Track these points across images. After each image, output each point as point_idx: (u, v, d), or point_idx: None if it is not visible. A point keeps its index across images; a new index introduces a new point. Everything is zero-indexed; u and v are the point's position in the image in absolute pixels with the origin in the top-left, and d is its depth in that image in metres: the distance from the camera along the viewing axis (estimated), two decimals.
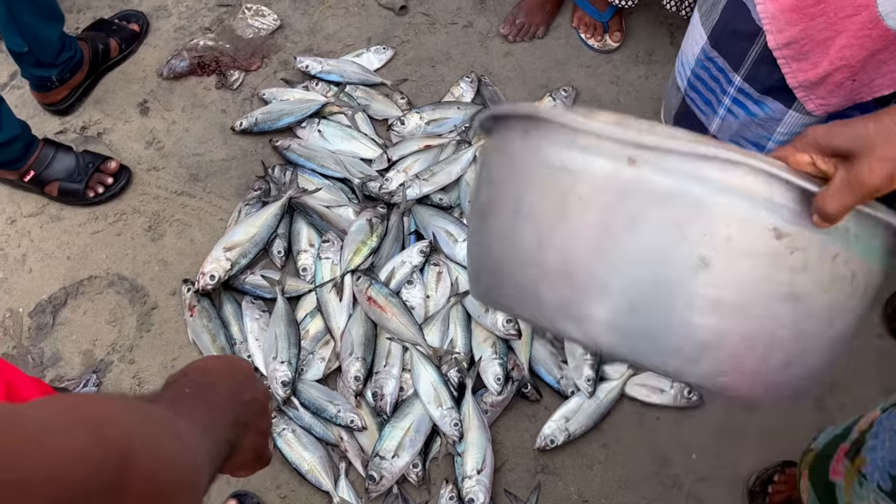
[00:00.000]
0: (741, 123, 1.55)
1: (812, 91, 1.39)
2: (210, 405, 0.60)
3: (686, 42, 1.63)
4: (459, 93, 1.92)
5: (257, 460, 0.69)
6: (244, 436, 0.64)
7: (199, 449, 0.53)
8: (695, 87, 1.62)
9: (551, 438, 1.53)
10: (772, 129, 1.52)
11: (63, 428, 0.40)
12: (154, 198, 1.84)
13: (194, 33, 2.06)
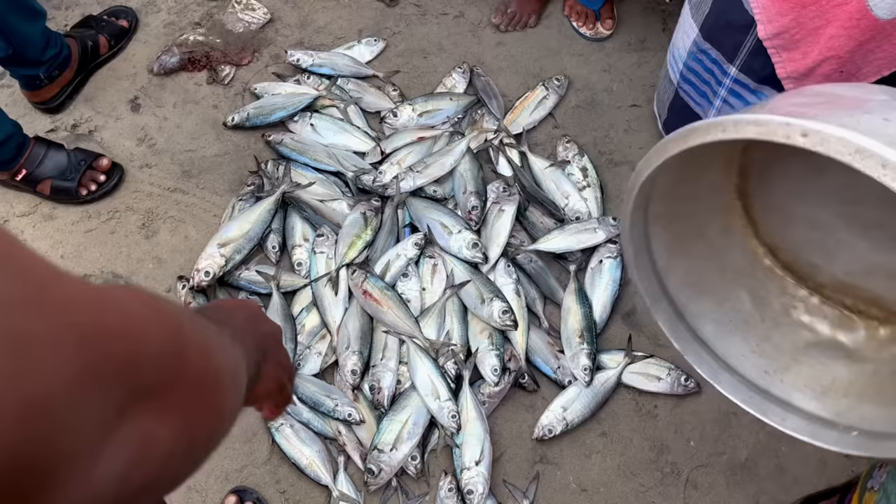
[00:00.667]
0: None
1: (800, 83, 1.39)
2: (233, 327, 0.58)
3: (676, 35, 1.62)
4: (452, 84, 1.92)
5: (280, 392, 0.68)
6: (265, 362, 0.64)
7: (236, 351, 0.51)
8: (688, 80, 1.62)
9: (549, 428, 1.53)
10: None
11: (120, 297, 0.37)
12: (147, 195, 1.83)
13: (184, 28, 2.04)
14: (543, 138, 1.88)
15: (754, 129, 0.73)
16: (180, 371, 0.38)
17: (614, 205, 1.79)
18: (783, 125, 0.71)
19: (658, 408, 1.58)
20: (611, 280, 1.67)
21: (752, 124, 0.73)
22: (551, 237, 1.68)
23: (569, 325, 1.61)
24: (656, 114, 1.82)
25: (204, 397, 0.41)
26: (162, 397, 0.36)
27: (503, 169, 1.80)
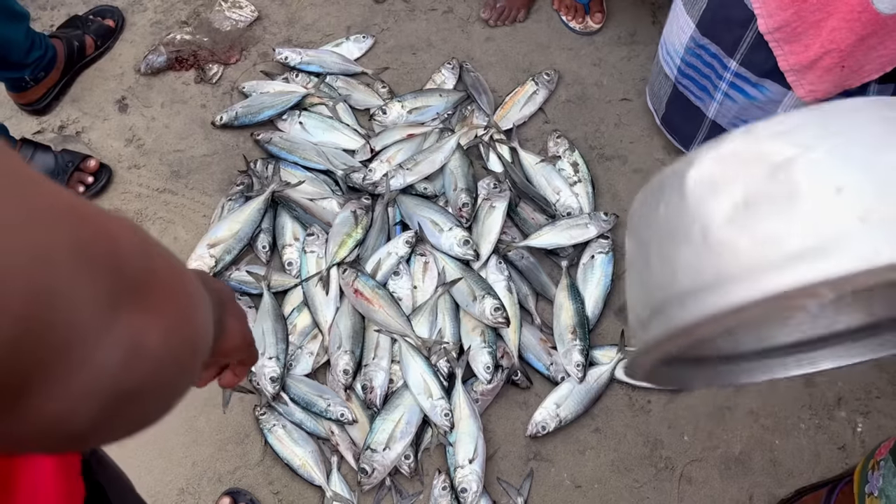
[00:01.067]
0: (740, 107, 1.54)
1: (802, 76, 1.38)
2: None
3: (669, 30, 1.62)
4: (441, 80, 1.90)
5: (247, 348, 0.68)
6: (225, 313, 0.63)
7: (199, 284, 0.49)
8: (687, 75, 1.61)
9: (543, 425, 1.53)
10: (772, 111, 1.51)
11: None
12: (136, 196, 1.82)
13: (171, 27, 2.03)
14: (534, 134, 1.87)
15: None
16: (154, 277, 0.39)
17: (605, 200, 1.79)
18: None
19: (651, 403, 1.58)
20: (603, 275, 1.66)
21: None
22: (543, 233, 1.67)
23: (561, 322, 1.60)
24: (651, 109, 1.81)
25: (180, 307, 0.41)
26: (145, 298, 0.37)
27: (494, 165, 1.79)
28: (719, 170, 0.76)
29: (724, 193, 0.72)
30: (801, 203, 0.66)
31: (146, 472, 1.54)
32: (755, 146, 0.73)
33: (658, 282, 0.75)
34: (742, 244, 0.69)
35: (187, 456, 1.55)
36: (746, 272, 0.68)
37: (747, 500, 1.49)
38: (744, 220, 0.72)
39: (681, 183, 0.77)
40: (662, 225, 0.77)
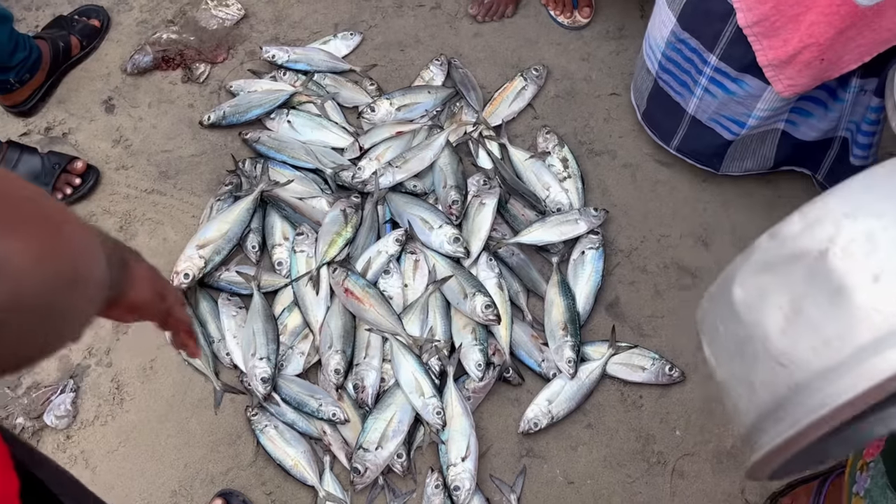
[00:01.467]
0: (720, 102, 1.54)
1: (781, 71, 1.38)
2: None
3: (652, 25, 1.61)
4: (430, 76, 1.90)
5: (161, 299, 0.75)
6: (129, 269, 0.69)
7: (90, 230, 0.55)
8: (667, 70, 1.61)
9: (535, 422, 1.53)
10: (752, 106, 1.51)
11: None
12: (124, 197, 1.81)
13: (157, 27, 2.01)
14: (523, 129, 1.86)
15: None
16: (32, 213, 0.44)
17: (595, 195, 1.78)
18: None
19: (643, 398, 1.58)
20: (593, 271, 1.66)
21: None
22: (533, 229, 1.67)
23: (552, 318, 1.60)
24: (634, 105, 1.81)
25: (55, 241, 0.45)
26: (15, 228, 0.42)
27: (483, 162, 1.78)
28: (761, 282, 0.76)
29: (773, 306, 0.72)
30: (845, 300, 0.66)
31: (138, 474, 1.53)
32: (785, 249, 0.73)
33: (743, 402, 0.76)
34: (802, 352, 0.69)
35: (179, 458, 1.55)
36: (817, 379, 0.68)
37: (739, 493, 1.50)
38: (796, 327, 0.72)
39: (729, 303, 0.77)
40: (726, 345, 0.77)
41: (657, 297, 1.68)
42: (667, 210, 1.76)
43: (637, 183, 1.79)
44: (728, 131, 1.59)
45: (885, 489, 1.06)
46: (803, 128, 1.58)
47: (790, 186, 1.77)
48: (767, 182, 1.78)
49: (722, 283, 0.80)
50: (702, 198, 1.77)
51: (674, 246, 1.72)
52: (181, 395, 1.60)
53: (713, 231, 1.74)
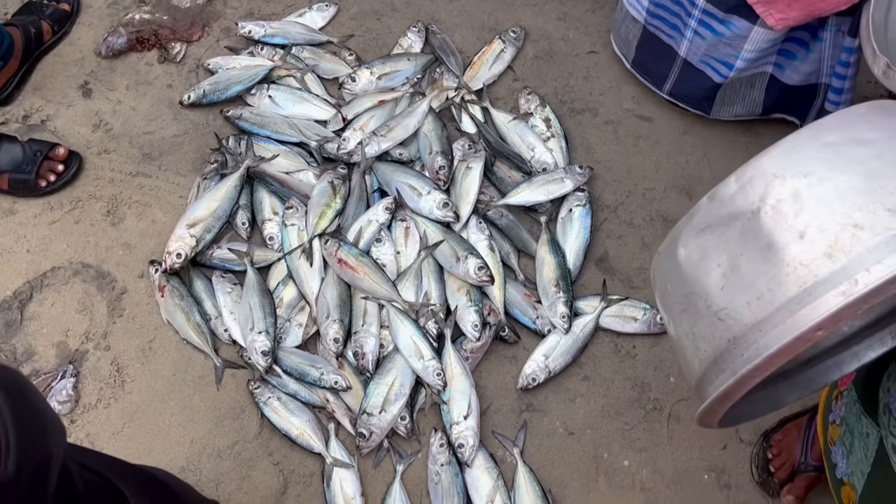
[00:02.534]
0: (709, 44, 1.57)
1: (771, 5, 1.40)
2: None
3: None
4: (408, 44, 1.90)
5: None
6: None
7: None
8: (656, 15, 1.63)
9: (533, 377, 1.56)
10: (739, 47, 1.54)
11: None
12: (109, 181, 1.80)
13: (128, 7, 1.99)
14: (504, 92, 1.87)
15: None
16: None
17: (579, 153, 1.80)
18: None
19: (636, 348, 1.62)
20: (581, 228, 1.69)
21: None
22: (520, 190, 1.69)
23: (544, 276, 1.63)
24: (620, 55, 1.82)
25: None
26: None
27: (467, 126, 1.80)
28: (701, 242, 0.80)
29: (712, 264, 0.76)
30: (775, 256, 0.71)
31: (145, 453, 1.55)
32: (722, 209, 0.77)
33: (690, 355, 0.80)
34: (738, 307, 0.74)
35: (185, 435, 1.57)
36: (751, 332, 0.73)
37: (734, 432, 1.55)
38: (733, 284, 0.76)
39: (675, 262, 0.81)
40: (675, 302, 0.82)
41: (645, 249, 1.71)
42: (650, 164, 1.79)
43: (619, 139, 1.82)
44: (718, 74, 1.62)
45: (859, 415, 1.10)
46: (788, 71, 1.61)
47: (771, 135, 1.80)
48: (747, 129, 1.81)
49: (668, 244, 0.84)
50: (683, 150, 1.80)
51: (658, 199, 1.75)
52: (182, 373, 1.62)
53: (696, 182, 1.77)
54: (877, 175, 0.71)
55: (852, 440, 1.12)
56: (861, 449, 1.10)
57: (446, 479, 1.49)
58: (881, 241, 0.67)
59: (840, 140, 0.75)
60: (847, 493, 1.14)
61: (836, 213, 0.70)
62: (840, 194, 0.71)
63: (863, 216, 0.69)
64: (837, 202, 0.71)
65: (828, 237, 0.69)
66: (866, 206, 0.69)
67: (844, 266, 0.68)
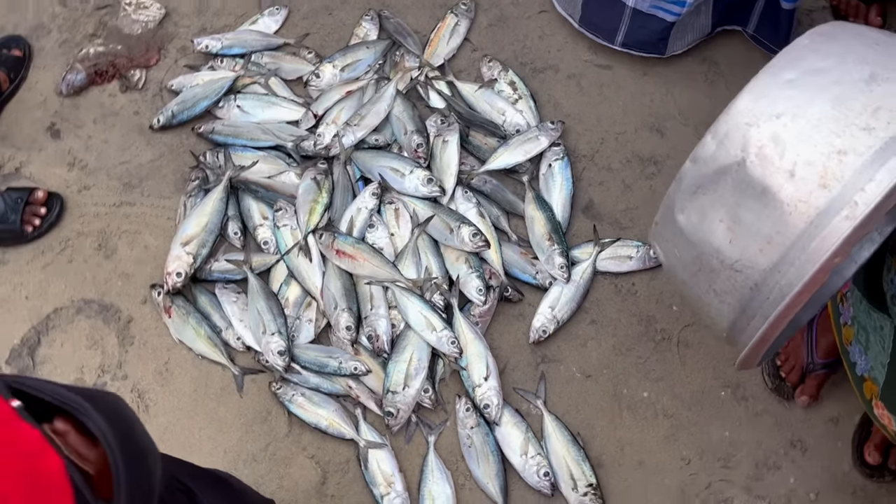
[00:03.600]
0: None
1: None
2: None
3: None
4: (364, 33, 1.93)
5: None
6: None
7: None
8: None
9: (543, 329, 1.61)
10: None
11: None
12: (94, 216, 1.81)
13: (81, 43, 1.99)
14: (465, 64, 1.91)
15: None
16: None
17: (548, 110, 1.85)
18: None
19: (636, 285, 1.68)
20: (563, 180, 1.74)
21: None
22: (499, 155, 1.73)
23: (536, 232, 1.68)
24: (566, 16, 1.87)
25: None
26: None
27: (435, 102, 1.83)
28: (697, 204, 0.83)
29: (714, 221, 0.80)
30: (772, 199, 0.74)
31: None
32: (708, 168, 0.80)
33: (715, 310, 0.84)
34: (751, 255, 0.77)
35: (217, 446, 1.59)
36: (771, 275, 0.76)
37: None
38: (740, 235, 0.80)
39: (676, 229, 0.84)
40: (686, 266, 0.85)
41: (627, 190, 1.76)
42: (617, 109, 1.84)
43: (584, 90, 1.87)
44: (670, 13, 1.68)
45: (868, 311, 1.16)
46: None
47: (726, 59, 1.87)
48: (703, 59, 1.87)
49: (664, 212, 0.88)
50: (646, 90, 1.86)
51: (631, 140, 1.81)
52: (203, 388, 1.64)
53: (663, 118, 1.83)
54: (842, 99, 0.75)
55: (867, 336, 1.18)
56: (878, 342, 1.15)
57: (478, 441, 1.54)
58: (867, 161, 0.71)
59: (798, 75, 0.79)
60: (869, 387, 1.20)
61: (817, 145, 0.74)
62: (815, 126, 0.75)
63: (843, 141, 0.73)
64: (815, 134, 0.75)
65: (817, 169, 0.73)
66: (843, 131, 0.73)
67: (840, 192, 0.72)
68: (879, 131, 0.72)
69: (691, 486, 1.53)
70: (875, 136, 0.71)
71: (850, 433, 1.53)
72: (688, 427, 1.57)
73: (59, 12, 2.03)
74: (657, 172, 1.77)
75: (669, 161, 1.78)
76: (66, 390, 0.67)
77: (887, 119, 0.72)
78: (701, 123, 1.81)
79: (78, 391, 0.67)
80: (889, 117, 0.72)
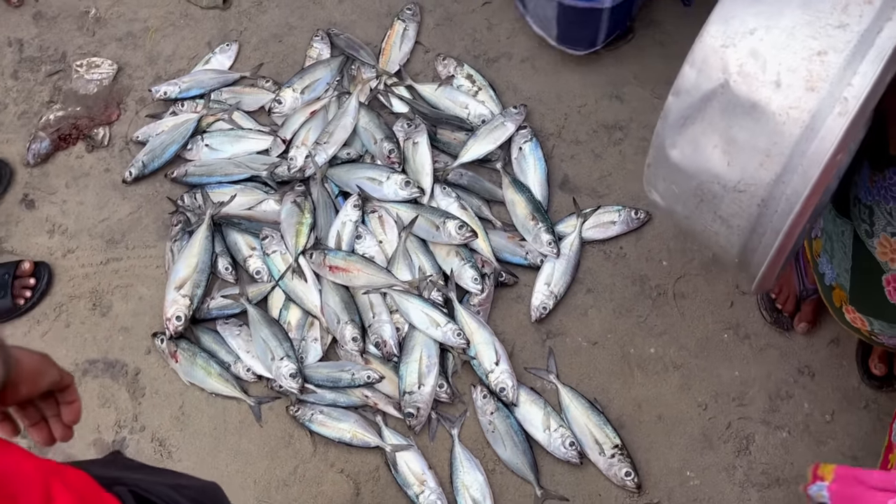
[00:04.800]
0: None
1: None
2: None
3: None
4: (317, 53, 1.96)
5: (50, 366, 0.80)
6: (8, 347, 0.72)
7: None
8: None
9: (543, 306, 1.64)
10: None
11: None
12: (84, 277, 1.81)
13: (39, 111, 2.00)
14: (421, 66, 1.95)
15: None
16: None
17: (509, 97, 1.89)
18: None
19: (623, 248, 1.72)
20: (536, 160, 1.78)
21: None
22: (469, 147, 1.77)
23: (519, 214, 1.72)
24: (541, 34, 1.85)
25: None
26: None
27: (399, 107, 1.87)
28: (687, 135, 0.85)
29: (708, 147, 0.81)
30: (763, 112, 0.76)
31: None
32: (692, 98, 0.82)
33: (723, 237, 0.84)
34: (752, 172, 0.78)
35: (247, 479, 1.60)
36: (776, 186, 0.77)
37: (734, 288, 1.66)
38: (737, 155, 0.81)
39: (671, 165, 0.86)
40: (687, 199, 0.86)
41: (598, 159, 1.81)
42: (574, 84, 1.89)
43: (539, 71, 1.91)
44: None
45: (833, 219, 1.20)
46: None
47: (670, 20, 1.92)
48: (649, 23, 1.93)
49: (656, 152, 0.90)
50: (599, 61, 1.91)
51: (594, 111, 1.86)
52: (222, 424, 1.65)
53: (620, 85, 1.88)
54: (810, 2, 0.77)
55: (832, 244, 1.23)
56: (840, 249, 1.20)
57: (501, 425, 1.56)
58: (848, 56, 0.74)
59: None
60: (838, 295, 1.25)
61: (797, 51, 0.76)
62: (790, 33, 0.76)
63: (820, 43, 0.74)
64: (792, 41, 0.77)
65: (801, 74, 0.76)
66: (818, 33, 0.75)
67: (829, 91, 0.74)
68: (853, 26, 0.74)
69: (712, 429, 1.57)
70: (850, 32, 0.74)
71: (853, 351, 1.59)
72: (698, 374, 1.61)
73: (11, 85, 2.04)
74: (624, 137, 1.82)
75: (633, 124, 1.83)
76: (178, 495, 0.69)
77: (858, 13, 0.74)
78: (657, 83, 1.86)
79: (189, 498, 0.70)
80: (859, 11, 0.74)
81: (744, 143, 0.79)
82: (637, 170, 1.76)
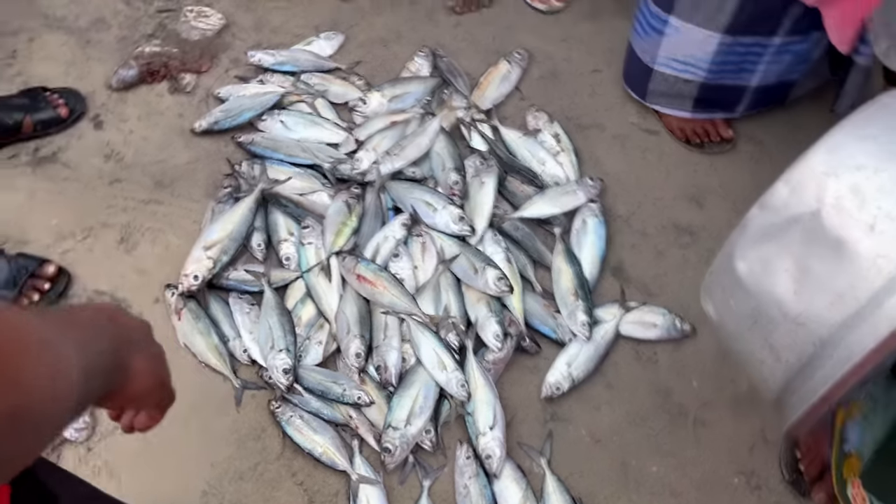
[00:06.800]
0: (788, 63, 1.66)
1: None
2: (76, 322, 0.59)
3: (673, 47, 1.67)
4: (416, 68, 1.94)
5: (161, 389, 0.73)
6: (135, 354, 0.66)
7: (58, 337, 0.50)
8: (721, 71, 1.69)
9: (557, 386, 1.55)
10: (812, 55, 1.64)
11: None
12: (122, 209, 1.80)
13: (138, 41, 2.02)
14: (512, 111, 1.91)
15: None
16: None
17: (589, 167, 1.84)
18: None
19: (658, 354, 1.63)
20: (596, 238, 1.71)
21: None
22: (534, 203, 1.71)
23: (561, 286, 1.64)
24: (636, 97, 1.86)
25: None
26: None
27: (477, 144, 1.83)
28: (761, 252, 0.80)
29: (779, 271, 0.77)
30: (848, 252, 0.71)
31: (165, 479, 1.52)
32: (778, 216, 0.77)
33: (768, 367, 0.79)
34: (818, 309, 0.74)
35: (205, 459, 1.54)
36: (840, 330, 0.72)
37: (759, 432, 1.54)
38: (807, 287, 0.76)
39: (735, 278, 0.81)
40: (740, 317, 0.81)
41: (659, 257, 1.73)
42: (658, 175, 1.83)
43: (627, 152, 1.85)
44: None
45: (888, 387, 1.10)
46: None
47: (772, 139, 1.85)
48: (749, 139, 1.86)
49: (723, 261, 0.84)
50: (690, 160, 1.84)
51: (669, 207, 1.78)
52: (202, 398, 1.59)
53: (703, 190, 1.80)
54: None
55: (875, 412, 1.13)
56: (882, 419, 1.10)
57: (475, 492, 1.47)
58: None
59: (880, 131, 0.76)
60: (851, 464, 1.15)
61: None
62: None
63: None
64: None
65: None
66: None
67: None
68: None
69: None
70: None
71: None
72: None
73: (121, 9, 2.08)
74: (691, 243, 1.74)
75: (704, 232, 1.75)
76: None
77: None
78: (741, 200, 1.78)
79: None
80: None
81: (818, 277, 0.73)
82: (696, 279, 1.65)
